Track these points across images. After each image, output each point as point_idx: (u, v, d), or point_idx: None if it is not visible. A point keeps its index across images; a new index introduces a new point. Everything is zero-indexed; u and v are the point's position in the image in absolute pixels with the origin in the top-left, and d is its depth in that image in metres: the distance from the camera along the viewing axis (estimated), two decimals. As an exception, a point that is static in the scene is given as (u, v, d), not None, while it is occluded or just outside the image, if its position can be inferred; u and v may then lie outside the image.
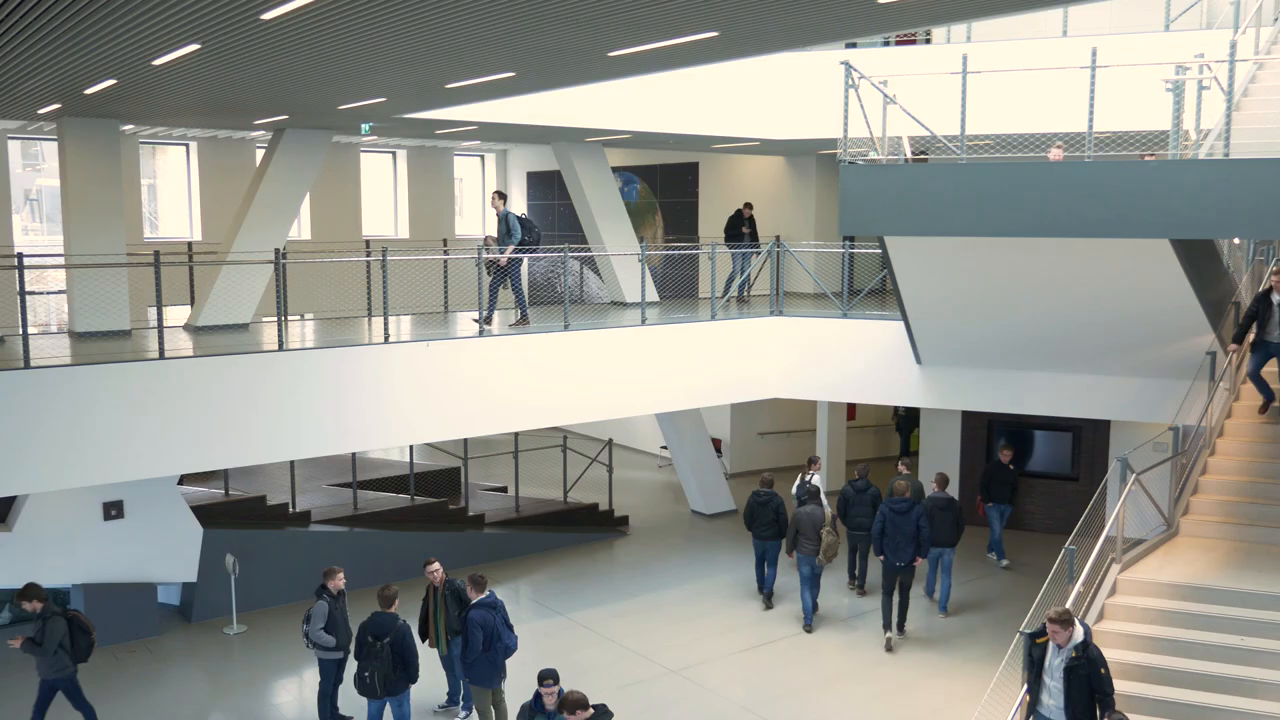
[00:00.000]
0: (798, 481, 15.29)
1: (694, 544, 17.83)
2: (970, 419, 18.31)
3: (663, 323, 15.45)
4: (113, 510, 13.28)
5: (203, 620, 14.21)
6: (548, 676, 8.55)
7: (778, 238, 17.28)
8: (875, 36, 15.21)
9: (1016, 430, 18.04)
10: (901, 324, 14.59)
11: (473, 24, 7.57)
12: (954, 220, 11.34)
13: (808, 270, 17.12)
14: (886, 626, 13.47)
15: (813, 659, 13.12)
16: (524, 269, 15.36)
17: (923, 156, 13.00)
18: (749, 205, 19.10)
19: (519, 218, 14.48)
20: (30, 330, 11.14)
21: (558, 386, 14.17)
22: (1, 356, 11.88)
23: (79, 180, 14.17)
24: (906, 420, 21.65)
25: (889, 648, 13.28)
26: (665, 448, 21.41)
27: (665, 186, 24.17)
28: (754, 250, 18.06)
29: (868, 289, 16.24)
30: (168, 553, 13.78)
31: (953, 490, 17.80)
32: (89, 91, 11.09)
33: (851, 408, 21.39)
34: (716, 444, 20.89)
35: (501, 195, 14.78)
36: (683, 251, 19.60)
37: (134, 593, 13.60)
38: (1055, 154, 12.35)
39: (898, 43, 17.61)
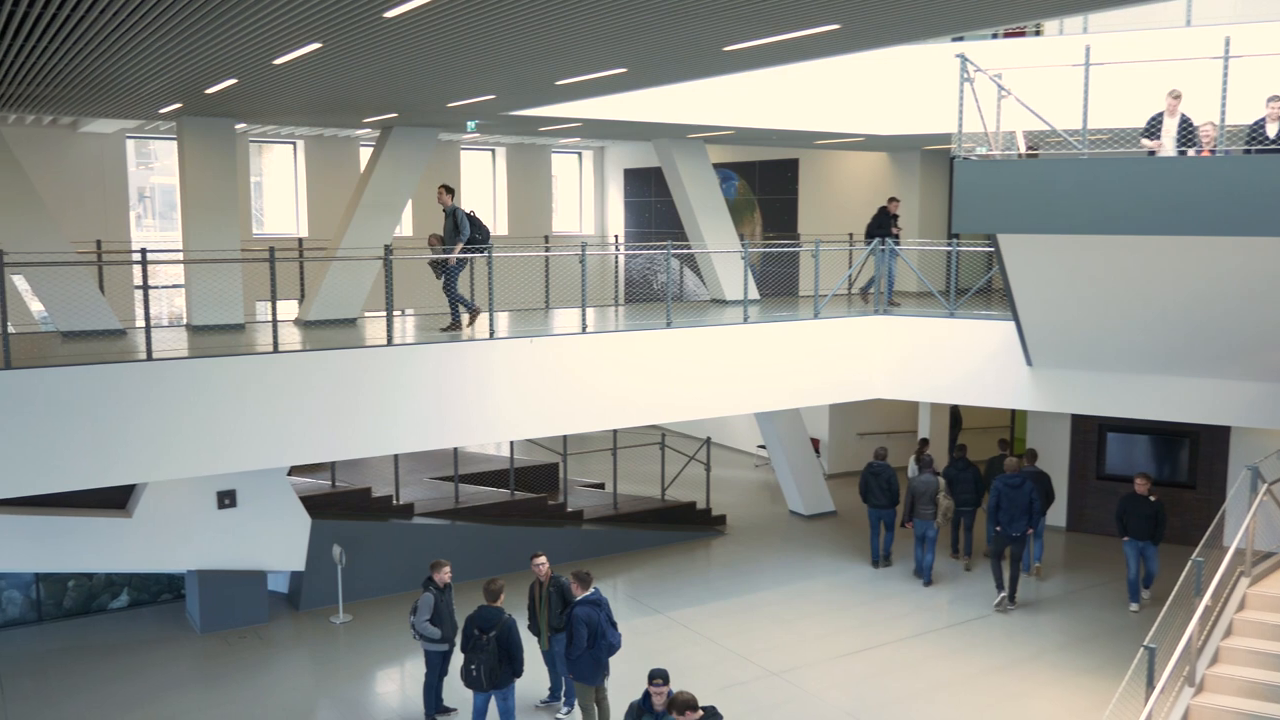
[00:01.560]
0: (913, 459, 16.54)
1: (792, 545, 17.62)
2: (1080, 422, 17.78)
3: (764, 321, 15.29)
4: (226, 499, 13.62)
5: (310, 609, 14.50)
6: (658, 676, 8.48)
7: (881, 236, 16.97)
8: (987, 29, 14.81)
9: (1123, 432, 17.48)
10: (1010, 324, 14.21)
11: (591, 19, 7.54)
12: (1074, 217, 10.98)
13: (913, 269, 16.78)
14: (999, 587, 14.59)
15: (918, 665, 12.85)
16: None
17: (1034, 152, 12.63)
18: (895, 200, 17.77)
19: (468, 214, 13.65)
20: (142, 323, 11.46)
21: (659, 384, 14.11)
22: (123, 349, 12.26)
23: (197, 177, 14.55)
24: (951, 426, 20.38)
25: (1001, 609, 14.45)
26: (763, 447, 21.24)
27: (764, 183, 23.96)
28: (901, 248, 16.91)
29: (975, 288, 15.85)
30: (277, 542, 14.09)
31: (1060, 496, 17.66)
32: (209, 91, 11.37)
33: (954, 410, 20.92)
34: (814, 444, 20.64)
35: (449, 189, 13.81)
36: (788, 249, 19.36)
37: (245, 580, 13.94)
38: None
39: (1005, 35, 17.16)
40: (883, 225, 17.21)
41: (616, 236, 27.13)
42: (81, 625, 13.98)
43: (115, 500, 13.45)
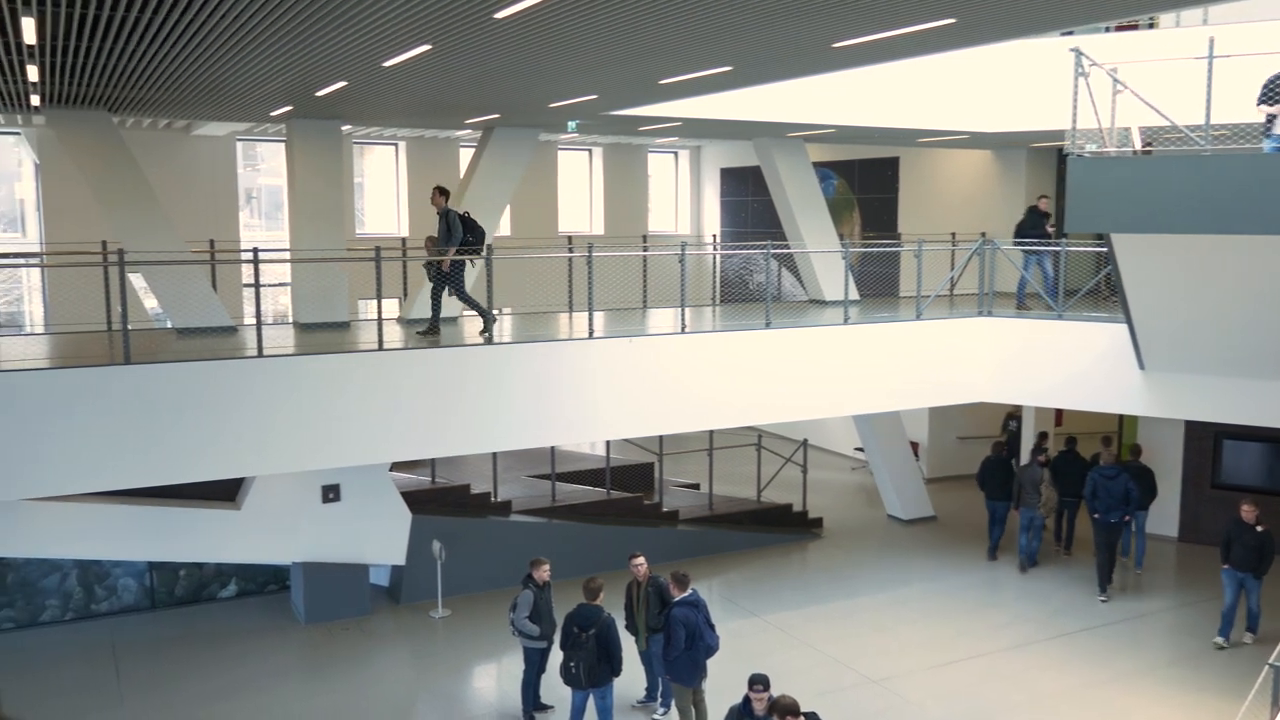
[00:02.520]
0: (1033, 447, 16.65)
1: (891, 550, 17.33)
2: (1194, 429, 17.13)
3: (865, 322, 15.06)
4: (330, 494, 13.90)
5: (410, 603, 14.70)
6: (758, 682, 8.40)
7: (983, 234, 16.58)
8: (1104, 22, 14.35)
9: (1241, 439, 16.78)
10: (1120, 326, 13.78)
11: (699, 16, 7.48)
12: (1194, 216, 10.56)
13: (1020, 269, 16.36)
14: (1102, 588, 14.94)
15: (1019, 677, 12.50)
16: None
17: (1148, 149, 12.20)
18: (1045, 198, 16.83)
19: (461, 216, 13.05)
20: (250, 320, 11.73)
21: (758, 385, 13.99)
22: (234, 345, 12.59)
23: (305, 178, 14.87)
24: (1018, 435, 18.95)
25: (1106, 600, 14.82)
26: (860, 449, 20.94)
27: (864, 182, 23.61)
28: (1056, 249, 15.83)
29: (1085, 289, 15.37)
30: (379, 536, 14.33)
31: (1172, 504, 17.23)
32: (320, 94, 11.61)
33: (1059, 413, 20.35)
34: (913, 447, 20.27)
35: (442, 191, 13.13)
36: (890, 249, 19.05)
37: (347, 572, 14.20)
38: None
39: (1117, 29, 16.63)
40: (1036, 225, 16.29)
41: (715, 236, 27.03)
42: (192, 613, 14.42)
43: (225, 493, 13.84)
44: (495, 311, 13.47)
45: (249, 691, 12.14)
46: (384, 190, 24.61)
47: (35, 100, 12.63)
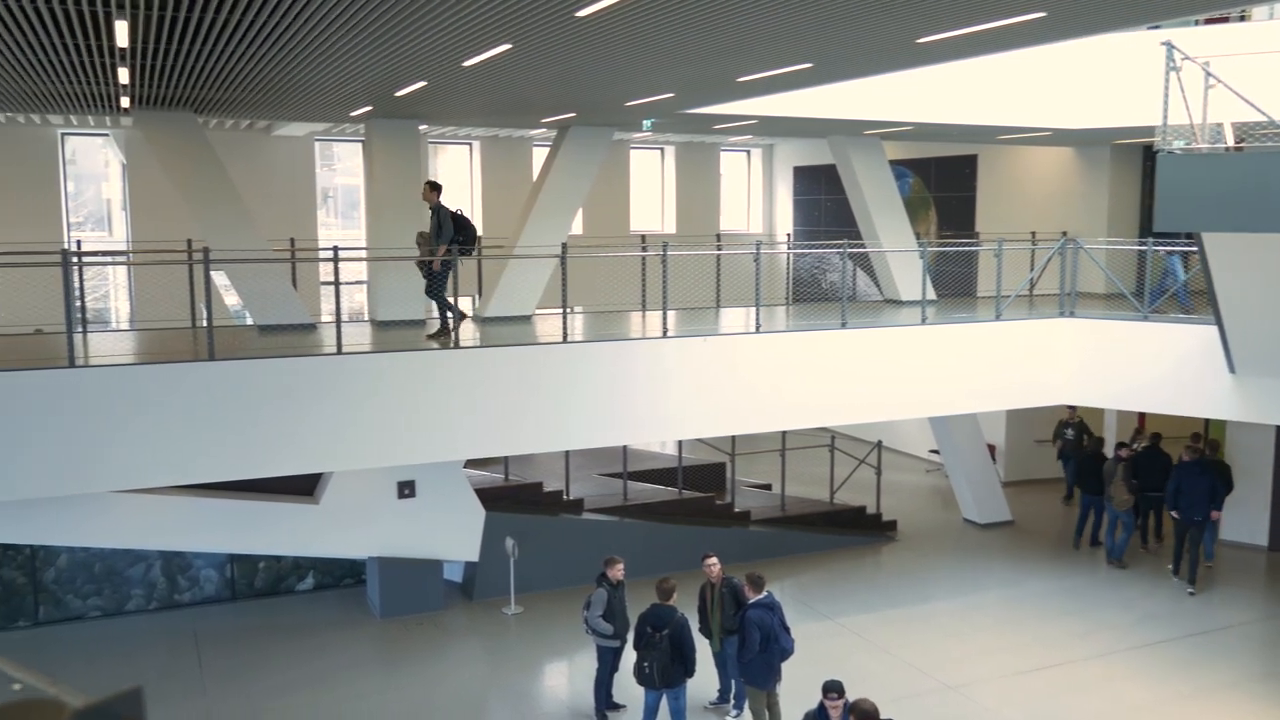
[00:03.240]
0: (1118, 443, 16.77)
1: (967, 554, 17.04)
2: (1286, 435, 16.59)
3: (943, 322, 14.81)
4: (406, 490, 14.04)
5: (483, 599, 14.79)
6: (832, 689, 8.30)
7: (1064, 233, 16.19)
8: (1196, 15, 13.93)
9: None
10: (1208, 328, 13.36)
11: (783, 13, 7.39)
12: (1292, 215, 10.19)
13: (1103, 269, 15.96)
14: (1176, 569, 15.29)
15: (1101, 687, 12.19)
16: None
17: (1239, 145, 11.81)
18: None
19: (453, 213, 12.76)
20: (326, 318, 11.86)
21: (833, 386, 13.84)
22: (314, 343, 12.77)
23: (383, 177, 15.05)
24: (1076, 441, 18.29)
25: (1181, 580, 15.12)
26: (935, 451, 20.63)
27: (940, 180, 23.24)
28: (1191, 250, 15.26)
29: (1172, 290, 14.93)
30: (453, 532, 14.44)
31: (1262, 513, 16.71)
32: (400, 94, 11.73)
33: (1141, 417, 19.85)
34: (990, 450, 19.91)
35: (434, 186, 12.83)
36: (969, 248, 18.74)
37: (422, 568, 14.34)
38: None
39: (1206, 22, 16.14)
40: None
41: (789, 235, 26.80)
42: (270, 605, 14.68)
43: (304, 488, 14.05)
44: (569, 310, 13.47)
45: (326, 683, 12.32)
46: (458, 189, 24.79)
47: (125, 102, 12.95)
